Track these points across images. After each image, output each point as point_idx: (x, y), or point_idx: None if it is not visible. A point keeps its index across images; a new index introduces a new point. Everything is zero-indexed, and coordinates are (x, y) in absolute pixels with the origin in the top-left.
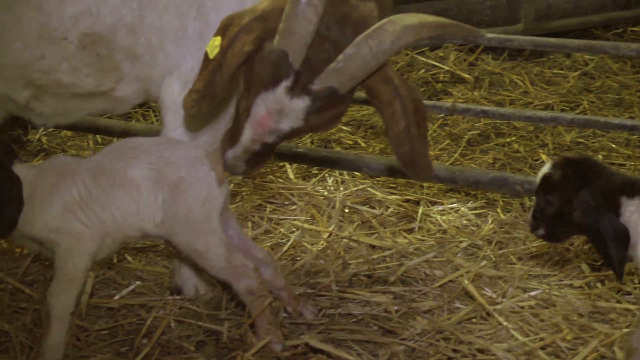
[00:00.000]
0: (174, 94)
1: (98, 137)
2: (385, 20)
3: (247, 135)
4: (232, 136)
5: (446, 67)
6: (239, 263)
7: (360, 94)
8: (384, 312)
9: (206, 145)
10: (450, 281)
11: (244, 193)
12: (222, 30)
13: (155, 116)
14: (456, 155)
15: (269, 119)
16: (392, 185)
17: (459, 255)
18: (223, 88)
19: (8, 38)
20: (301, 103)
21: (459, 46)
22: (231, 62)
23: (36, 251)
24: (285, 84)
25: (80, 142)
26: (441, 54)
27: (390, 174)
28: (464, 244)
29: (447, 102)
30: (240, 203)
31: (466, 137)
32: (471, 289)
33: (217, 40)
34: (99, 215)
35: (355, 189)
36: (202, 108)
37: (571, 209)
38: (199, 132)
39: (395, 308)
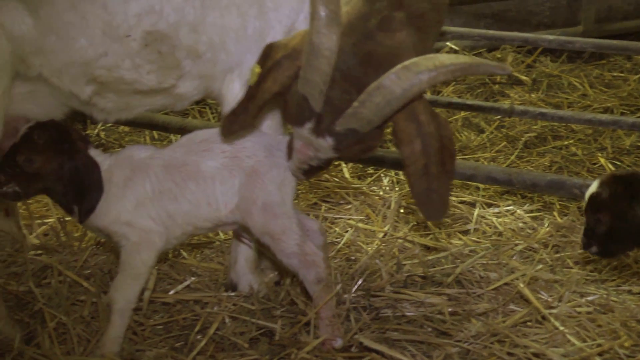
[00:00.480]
0: (235, 91)
1: (155, 133)
2: (399, 66)
3: (295, 157)
4: (289, 149)
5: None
6: (310, 251)
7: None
8: (438, 313)
9: None
10: (506, 284)
11: (299, 191)
12: (262, 60)
13: (212, 113)
14: (512, 157)
15: (306, 149)
16: None
17: (514, 258)
18: (253, 117)
19: (73, 36)
20: (325, 143)
21: (517, 48)
22: (260, 97)
23: (102, 239)
24: (309, 125)
25: (137, 137)
26: (499, 55)
27: None
28: (519, 247)
29: (505, 104)
30: (296, 201)
31: (523, 139)
32: (527, 292)
33: (257, 69)
34: (169, 210)
35: None
36: (233, 130)
37: (625, 225)
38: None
39: (450, 310)
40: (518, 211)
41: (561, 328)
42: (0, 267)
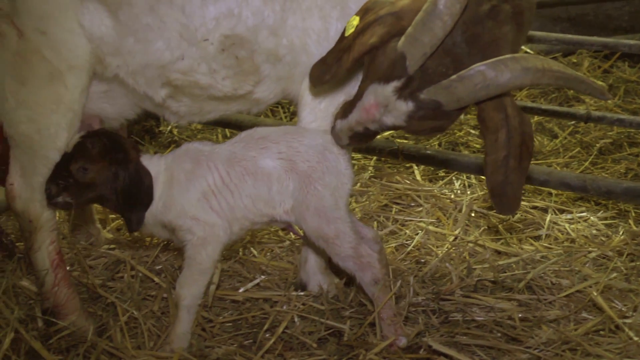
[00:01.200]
0: (313, 92)
1: (227, 131)
2: (509, 56)
3: (354, 115)
4: (345, 108)
5: (579, 74)
6: (365, 253)
7: None
8: (508, 319)
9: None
10: (578, 291)
11: (370, 193)
12: (362, 13)
13: (284, 112)
14: (586, 163)
15: (374, 109)
16: None
17: (587, 265)
18: (347, 69)
19: (151, 38)
20: (405, 107)
21: (594, 52)
22: (357, 49)
23: (165, 240)
24: (396, 84)
25: (209, 135)
26: (574, 60)
27: None
28: (593, 254)
29: (581, 109)
30: (367, 202)
31: (597, 145)
32: (600, 300)
33: (355, 21)
34: (229, 203)
35: (482, 193)
36: (323, 80)
37: None
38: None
39: (520, 315)
40: (592, 218)
41: (636, 338)
42: (75, 260)
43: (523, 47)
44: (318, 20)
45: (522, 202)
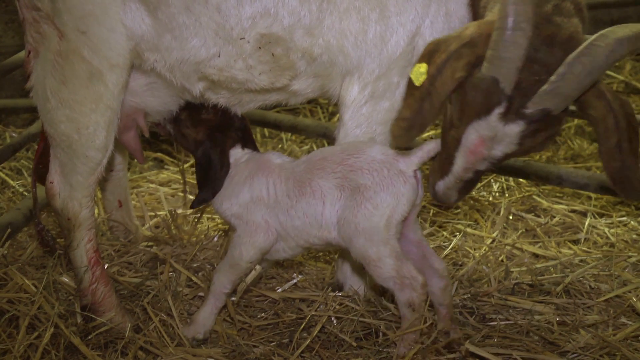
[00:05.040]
0: (353, 94)
1: (266, 130)
2: (596, 35)
3: (460, 164)
4: (442, 167)
5: (621, 77)
6: (408, 274)
7: None
8: (546, 322)
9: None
10: (617, 296)
11: None
12: (428, 57)
13: (323, 112)
14: None
15: (481, 147)
16: (558, 194)
17: (626, 270)
18: (433, 116)
19: (187, 36)
20: (516, 128)
21: (636, 56)
22: (442, 89)
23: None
24: (498, 110)
25: None
26: (616, 64)
27: (557, 183)
28: (633, 259)
29: None
30: None
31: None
32: (639, 306)
33: (423, 67)
34: (281, 220)
35: (520, 196)
36: (411, 136)
37: None
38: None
39: (558, 319)
40: (632, 222)
41: None
42: (114, 257)
43: None
44: (356, 22)
45: (561, 206)
